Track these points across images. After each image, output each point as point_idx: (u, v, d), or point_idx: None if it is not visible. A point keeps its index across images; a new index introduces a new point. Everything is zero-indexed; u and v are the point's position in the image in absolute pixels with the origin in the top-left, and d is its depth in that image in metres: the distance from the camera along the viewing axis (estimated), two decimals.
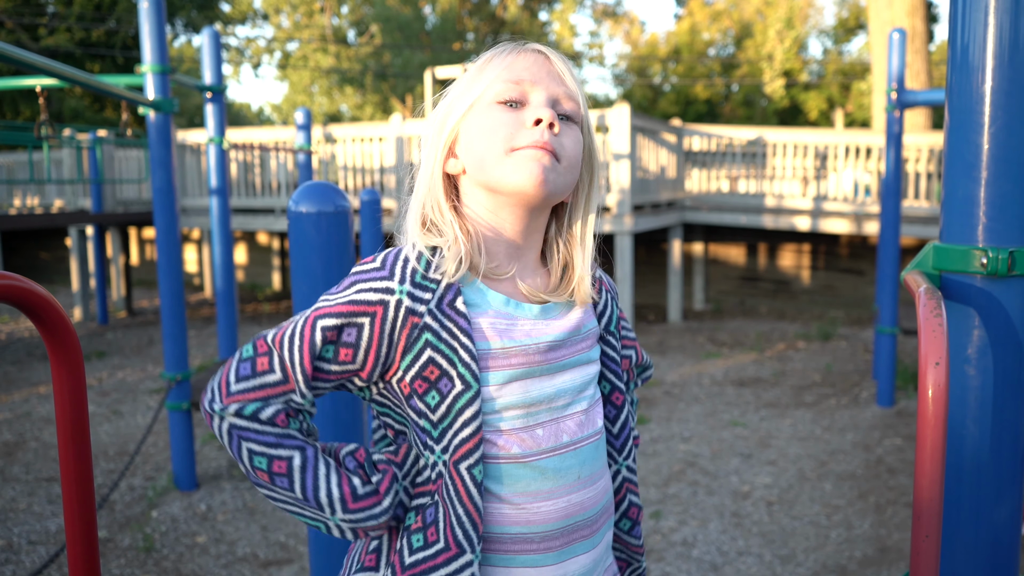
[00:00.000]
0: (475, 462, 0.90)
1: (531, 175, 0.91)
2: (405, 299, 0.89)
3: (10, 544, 3.36)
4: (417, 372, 0.90)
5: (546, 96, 0.94)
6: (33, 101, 16.66)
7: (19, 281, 0.80)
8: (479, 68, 0.97)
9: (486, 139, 0.93)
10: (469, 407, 0.89)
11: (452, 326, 0.90)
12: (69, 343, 0.84)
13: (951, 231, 1.09)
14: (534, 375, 0.94)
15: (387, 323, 0.89)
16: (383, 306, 0.89)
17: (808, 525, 3.48)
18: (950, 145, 1.10)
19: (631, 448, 1.07)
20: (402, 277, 0.90)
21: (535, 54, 0.97)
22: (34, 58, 2.58)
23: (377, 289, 0.89)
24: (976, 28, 1.05)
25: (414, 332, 0.89)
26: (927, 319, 0.90)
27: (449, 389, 0.89)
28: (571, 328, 0.98)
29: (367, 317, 0.89)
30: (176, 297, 3.81)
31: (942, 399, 0.86)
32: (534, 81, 0.94)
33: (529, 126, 0.92)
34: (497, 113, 0.93)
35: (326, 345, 0.88)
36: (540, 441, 0.94)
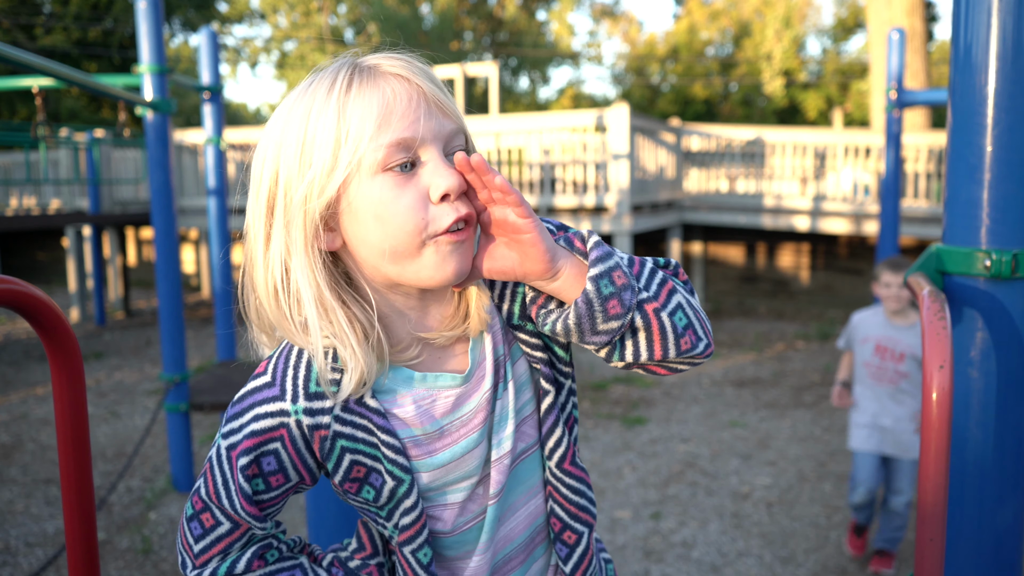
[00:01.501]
0: (419, 546, 0.85)
1: (453, 271, 0.77)
2: (304, 419, 0.80)
3: (7, 546, 3.35)
4: (344, 476, 0.83)
5: (437, 148, 0.77)
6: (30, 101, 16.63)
7: (18, 285, 0.80)
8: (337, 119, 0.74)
9: (388, 225, 0.75)
10: (407, 498, 0.83)
11: (367, 423, 0.81)
12: (68, 347, 0.84)
13: (954, 233, 1.09)
14: (470, 447, 0.85)
15: (297, 442, 0.81)
16: (285, 428, 0.80)
17: (808, 526, 3.47)
18: (953, 147, 1.09)
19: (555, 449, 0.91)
20: (294, 394, 0.80)
21: (404, 86, 0.76)
22: (32, 58, 2.57)
23: (272, 413, 0.80)
24: (979, 29, 1.05)
25: (325, 444, 0.81)
26: (931, 322, 0.89)
27: (381, 483, 0.83)
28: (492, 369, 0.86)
29: (276, 442, 0.81)
30: (174, 298, 3.80)
31: (947, 402, 0.85)
32: (422, 134, 0.75)
33: (435, 201, 0.75)
34: (389, 189, 0.75)
35: (254, 480, 0.82)
36: (482, 500, 0.88)
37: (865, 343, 3.08)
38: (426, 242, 0.76)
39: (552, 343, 0.90)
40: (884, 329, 3.05)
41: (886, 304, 3.04)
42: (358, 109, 0.74)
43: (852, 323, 3.18)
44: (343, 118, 0.74)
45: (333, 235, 0.79)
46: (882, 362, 3.03)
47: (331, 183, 0.75)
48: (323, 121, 0.75)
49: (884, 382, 3.02)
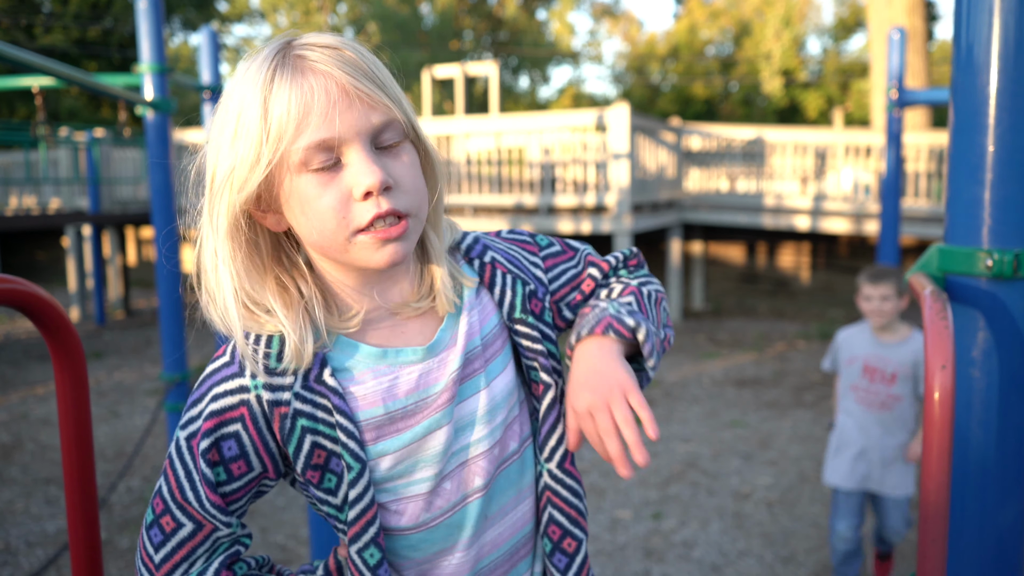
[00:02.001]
0: (366, 544, 0.81)
1: (383, 259, 0.78)
2: (264, 394, 0.79)
3: (8, 546, 3.35)
4: (305, 462, 0.80)
5: (361, 144, 0.76)
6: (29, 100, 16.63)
7: (21, 284, 0.80)
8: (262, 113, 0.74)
9: (314, 222, 0.77)
10: (354, 487, 0.80)
11: (326, 403, 0.80)
12: (72, 347, 0.84)
13: (956, 233, 1.09)
14: (433, 428, 0.83)
15: (258, 421, 0.79)
16: (246, 406, 0.79)
17: (809, 526, 3.47)
18: (955, 146, 1.09)
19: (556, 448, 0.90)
20: (254, 369, 0.79)
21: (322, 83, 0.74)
22: (33, 58, 2.57)
23: (232, 391, 0.79)
24: (980, 28, 1.05)
25: (286, 423, 0.79)
26: (933, 322, 0.89)
27: (341, 467, 0.80)
28: (461, 348, 0.85)
29: (236, 423, 0.79)
30: (175, 298, 3.80)
31: (949, 402, 0.85)
32: (340, 132, 0.74)
33: (359, 198, 0.76)
34: (312, 187, 0.76)
35: (215, 468, 0.79)
36: (449, 496, 0.85)
37: (852, 363, 2.76)
38: (351, 239, 0.77)
39: (547, 339, 0.90)
40: (872, 347, 2.72)
41: (870, 319, 2.73)
42: (278, 107, 0.74)
43: (837, 341, 2.86)
44: (268, 115, 0.74)
45: (279, 217, 0.80)
46: (871, 384, 2.70)
47: (252, 178, 0.75)
48: (250, 115, 0.75)
49: (874, 407, 2.69)
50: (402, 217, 0.78)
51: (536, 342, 0.89)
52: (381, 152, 0.78)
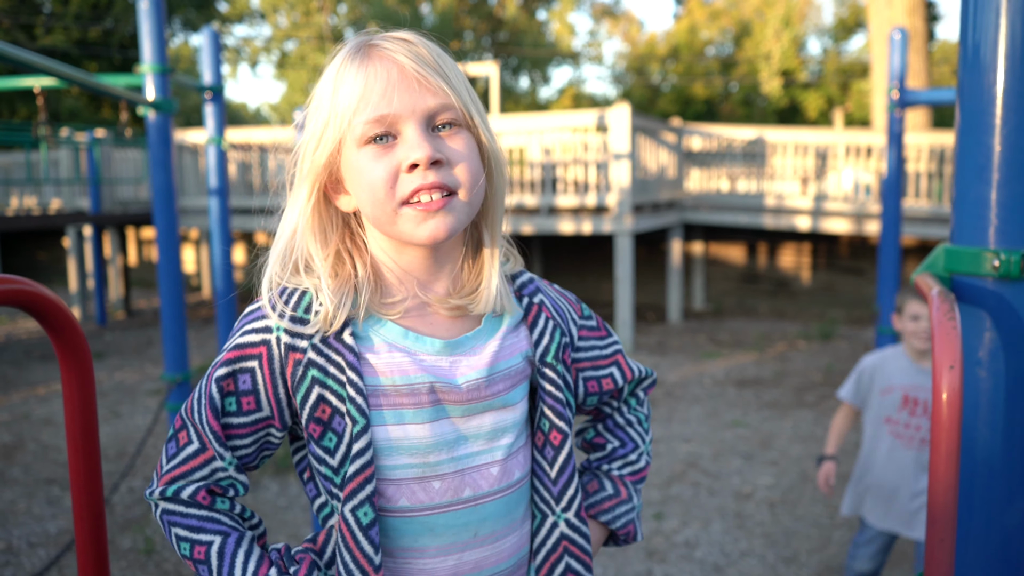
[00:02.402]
0: (361, 502, 0.82)
1: (426, 233, 0.82)
2: (283, 337, 0.84)
3: (10, 546, 3.35)
4: (310, 413, 0.84)
5: (416, 122, 0.82)
6: (30, 101, 16.63)
7: (27, 285, 0.80)
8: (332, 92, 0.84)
9: (367, 193, 0.83)
10: (356, 442, 0.82)
11: (339, 359, 0.83)
12: (78, 347, 0.84)
13: (962, 233, 1.09)
14: (432, 419, 0.86)
15: (274, 362, 0.84)
16: (266, 346, 0.84)
17: (811, 526, 3.47)
18: (961, 146, 1.09)
19: (575, 497, 0.92)
20: (280, 314, 0.85)
21: (386, 66, 0.82)
22: (35, 58, 2.57)
23: (257, 329, 0.85)
24: (987, 27, 1.04)
25: (298, 370, 0.84)
26: (941, 322, 0.89)
27: (343, 427, 0.83)
28: (483, 367, 0.88)
29: (254, 360, 0.84)
30: (176, 298, 3.80)
31: (957, 403, 0.85)
32: (396, 109, 0.81)
33: (406, 170, 0.82)
34: (368, 160, 0.82)
35: (226, 398, 0.84)
36: (434, 495, 0.86)
37: (888, 394, 2.42)
38: (397, 210, 0.82)
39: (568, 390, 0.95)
40: (913, 376, 2.39)
41: (912, 342, 2.40)
42: (345, 87, 0.83)
43: (865, 369, 2.51)
44: (336, 94, 0.84)
45: (349, 198, 0.88)
46: (911, 418, 2.37)
47: (322, 149, 0.85)
48: (323, 96, 0.85)
49: (913, 444, 2.37)
50: (450, 194, 0.83)
51: (559, 390, 0.93)
52: (436, 134, 0.84)
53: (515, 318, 0.93)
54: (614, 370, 1.02)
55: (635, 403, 1.07)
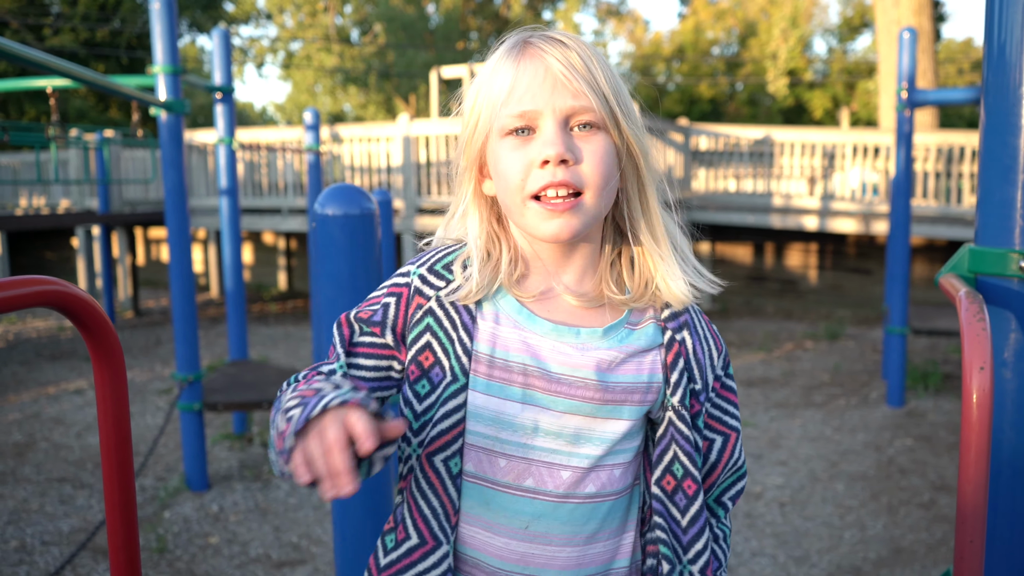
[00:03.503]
0: (452, 454, 0.88)
1: (549, 231, 0.86)
2: (415, 280, 0.92)
3: (23, 544, 3.37)
4: (414, 355, 0.90)
5: (554, 120, 0.86)
6: (38, 101, 16.69)
7: (62, 286, 0.80)
8: (488, 83, 0.90)
9: (502, 181, 0.88)
10: (453, 399, 0.88)
11: (456, 317, 0.89)
12: (111, 347, 0.84)
13: (987, 234, 1.09)
14: (516, 399, 0.88)
15: (405, 301, 0.91)
16: (406, 287, 0.92)
17: (821, 526, 3.47)
18: (986, 147, 1.09)
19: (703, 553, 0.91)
20: (421, 263, 0.93)
21: (535, 64, 0.87)
22: (50, 59, 2.58)
23: (402, 273, 0.94)
24: (1013, 27, 1.04)
25: (418, 312, 0.90)
26: (970, 323, 0.89)
27: (440, 379, 0.88)
28: (586, 367, 0.87)
29: (393, 297, 0.92)
30: (188, 298, 3.81)
31: (987, 404, 0.85)
32: (537, 106, 0.86)
33: (538, 165, 0.85)
34: (507, 150, 0.87)
35: (359, 323, 0.92)
36: (498, 472, 0.88)
37: None
38: (525, 202, 0.87)
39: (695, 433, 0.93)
40: None
41: None
42: (498, 79, 0.89)
43: None
44: (490, 86, 0.89)
45: (491, 183, 0.93)
46: None
47: (475, 140, 0.91)
48: (481, 89, 0.91)
49: None
50: (578, 194, 0.86)
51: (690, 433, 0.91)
52: (571, 133, 0.87)
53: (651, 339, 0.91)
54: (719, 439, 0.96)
55: (723, 514, 1.00)
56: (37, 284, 0.77)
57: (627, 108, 0.90)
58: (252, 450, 4.51)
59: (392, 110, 26.32)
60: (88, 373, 6.54)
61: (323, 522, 3.56)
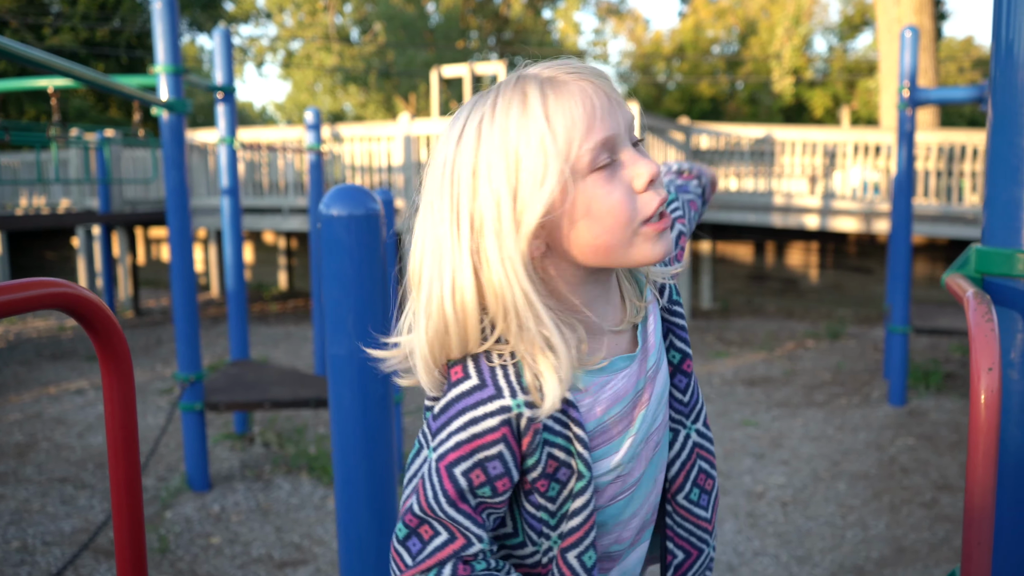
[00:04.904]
0: (585, 549, 0.86)
1: (663, 250, 0.82)
2: (524, 411, 0.80)
3: (25, 545, 3.37)
4: (541, 472, 0.83)
5: (628, 140, 0.82)
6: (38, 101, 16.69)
7: (70, 288, 0.80)
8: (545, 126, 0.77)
9: (608, 219, 0.79)
10: (580, 496, 0.84)
11: (562, 415, 0.83)
12: (119, 348, 0.84)
13: (994, 234, 1.08)
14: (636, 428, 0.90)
15: (518, 439, 0.81)
16: (508, 426, 0.80)
17: (823, 525, 3.47)
18: (993, 146, 1.08)
19: (701, 410, 0.99)
20: (511, 390, 0.80)
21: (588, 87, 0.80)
22: (51, 59, 2.58)
23: (492, 412, 0.80)
24: (1022, 24, 1.04)
25: (536, 438, 0.82)
26: (978, 324, 0.89)
27: (568, 476, 0.84)
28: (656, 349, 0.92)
29: (500, 444, 0.80)
30: (189, 298, 3.81)
31: (995, 405, 0.85)
32: (614, 131, 0.80)
33: (640, 190, 0.80)
34: (601, 185, 0.79)
35: (479, 489, 0.81)
36: (634, 471, 0.91)
37: None
38: (637, 230, 0.80)
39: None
40: None
41: None
42: (562, 116, 0.77)
43: None
44: (550, 128, 0.77)
45: (537, 242, 0.80)
46: None
47: (544, 194, 0.77)
48: (528, 135, 0.77)
49: None
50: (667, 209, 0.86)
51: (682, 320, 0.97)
52: None
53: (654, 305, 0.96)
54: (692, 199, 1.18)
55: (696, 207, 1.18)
56: (45, 287, 0.77)
57: None
58: (253, 450, 4.51)
59: (392, 109, 26.31)
60: (89, 373, 6.54)
61: (325, 522, 3.56)
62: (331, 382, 1.45)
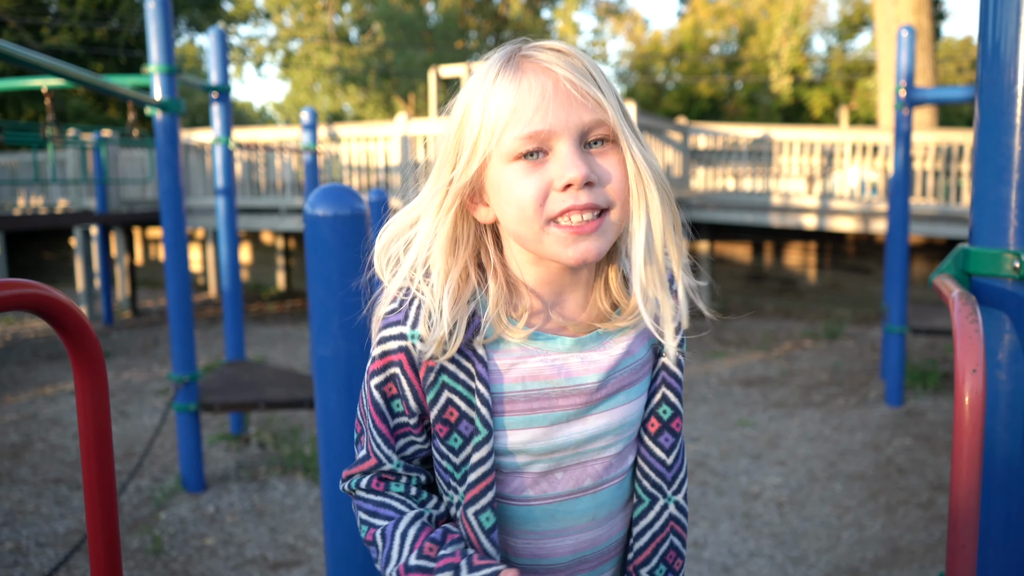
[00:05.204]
0: (483, 508, 0.87)
1: (575, 255, 0.81)
2: (418, 343, 0.86)
3: (18, 546, 3.35)
4: (438, 414, 0.87)
5: (569, 138, 0.80)
6: (37, 101, 16.67)
7: (40, 289, 0.79)
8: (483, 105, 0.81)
9: (514, 209, 0.81)
10: (478, 451, 0.86)
11: (470, 367, 0.86)
12: (91, 350, 0.83)
13: (981, 234, 1.08)
14: (561, 421, 0.88)
15: (412, 367, 0.87)
16: (405, 353, 0.87)
17: (819, 526, 3.46)
18: (980, 146, 1.08)
19: (684, 480, 0.95)
20: (413, 322, 0.86)
21: (540, 79, 0.80)
22: (44, 59, 2.57)
23: (394, 336, 0.87)
24: (1008, 25, 1.03)
25: (430, 375, 0.86)
26: (963, 325, 0.88)
27: (470, 432, 0.87)
28: (613, 363, 0.89)
29: (397, 367, 0.87)
30: (183, 298, 3.80)
31: (979, 407, 0.84)
32: (551, 125, 0.79)
33: (559, 189, 0.80)
34: (518, 177, 0.81)
35: (391, 401, 0.89)
36: (558, 485, 0.90)
37: None
38: (544, 228, 0.81)
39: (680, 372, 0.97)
40: None
41: None
42: (497, 100, 0.81)
43: None
44: (487, 108, 0.81)
45: (488, 210, 0.87)
46: None
47: (470, 166, 0.83)
48: (474, 109, 0.83)
49: None
50: (601, 213, 0.82)
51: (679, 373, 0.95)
52: (588, 151, 0.82)
53: None
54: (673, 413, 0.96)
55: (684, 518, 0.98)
56: (14, 288, 0.76)
57: (630, 118, 0.86)
58: (249, 451, 4.50)
59: (391, 109, 26.30)
60: None
61: (319, 523, 3.54)
62: (317, 382, 1.44)
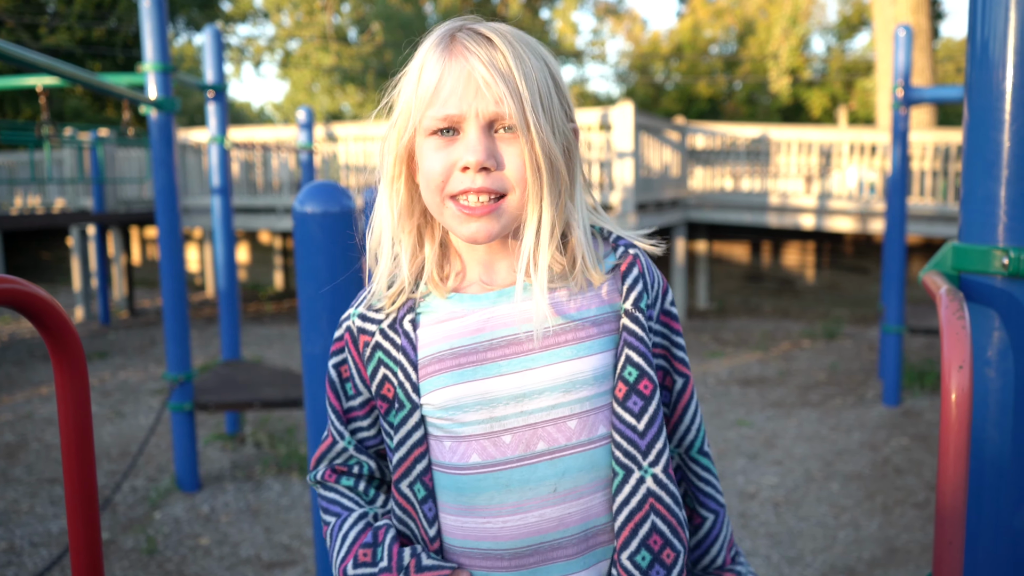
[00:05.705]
0: (412, 481, 0.90)
1: (467, 233, 0.87)
2: (356, 321, 0.95)
3: (12, 546, 3.35)
4: (377, 391, 0.93)
5: (477, 125, 0.85)
6: (34, 100, 16.65)
7: (20, 285, 0.78)
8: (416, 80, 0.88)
9: (424, 180, 0.89)
10: (404, 424, 0.90)
11: (398, 339, 0.91)
12: (72, 348, 0.82)
13: (971, 231, 1.07)
14: (493, 373, 0.87)
15: (354, 347, 0.95)
16: (349, 332, 0.96)
17: (815, 526, 3.45)
18: (969, 143, 1.07)
19: (663, 452, 0.88)
20: (359, 303, 0.95)
21: (460, 65, 0.85)
22: (37, 57, 2.56)
23: (345, 319, 0.97)
24: (996, 23, 1.03)
25: (366, 351, 0.93)
26: (950, 321, 0.87)
27: (401, 407, 0.91)
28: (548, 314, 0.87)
29: (344, 351, 0.96)
30: (179, 298, 3.79)
31: (966, 404, 0.83)
32: (460, 111, 0.85)
33: (460, 169, 0.86)
34: (431, 150, 0.88)
35: (345, 383, 0.96)
36: (506, 450, 0.87)
37: None
38: (444, 202, 0.88)
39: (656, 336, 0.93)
40: None
41: None
42: (425, 78, 0.87)
43: None
44: (419, 83, 0.88)
45: None
46: None
47: (406, 133, 0.90)
48: (410, 81, 0.90)
49: None
50: (499, 198, 0.86)
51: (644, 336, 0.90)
52: (494, 136, 0.87)
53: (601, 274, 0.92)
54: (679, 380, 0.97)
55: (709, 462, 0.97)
56: None
57: (549, 109, 0.87)
58: (244, 450, 4.50)
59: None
60: None
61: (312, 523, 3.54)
62: (306, 381, 1.44)
